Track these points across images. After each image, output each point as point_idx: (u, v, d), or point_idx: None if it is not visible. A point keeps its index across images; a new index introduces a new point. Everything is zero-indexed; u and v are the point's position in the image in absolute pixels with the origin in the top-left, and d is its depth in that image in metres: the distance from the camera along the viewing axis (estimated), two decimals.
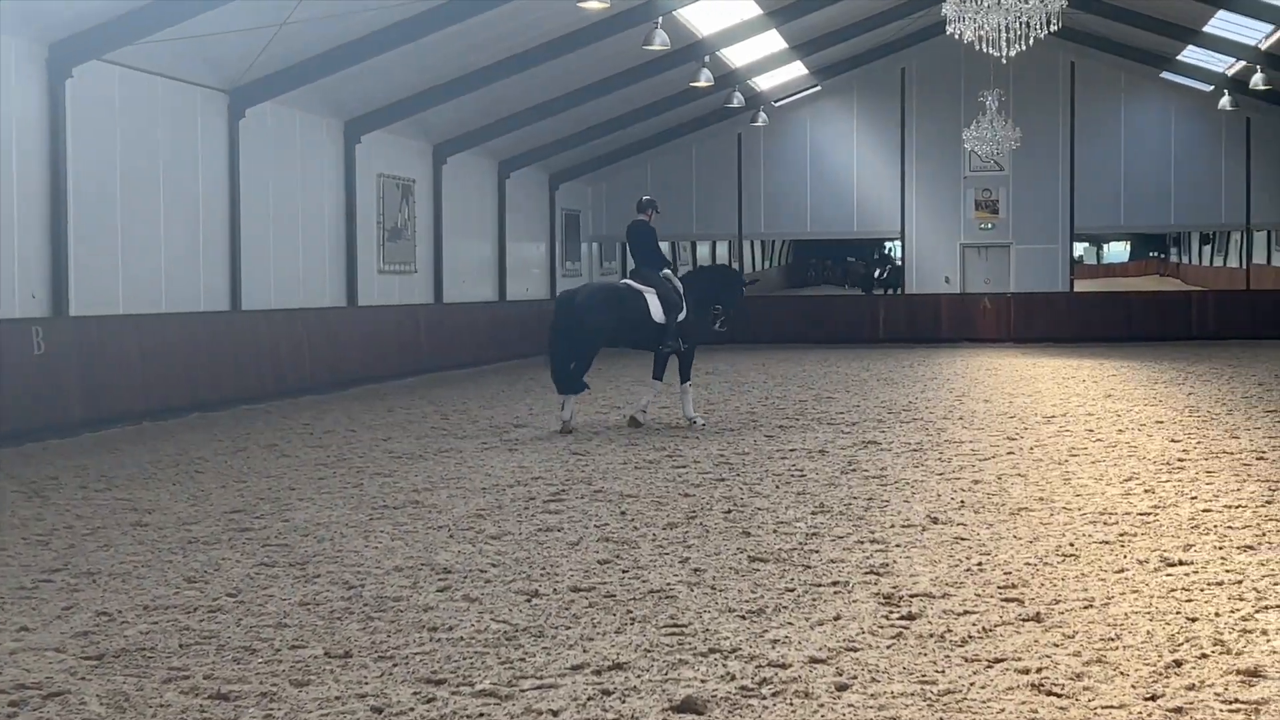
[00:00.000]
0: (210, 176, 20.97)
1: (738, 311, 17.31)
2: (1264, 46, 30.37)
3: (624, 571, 8.12)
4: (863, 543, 8.91)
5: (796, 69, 35.08)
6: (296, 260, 23.55)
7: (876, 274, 51.50)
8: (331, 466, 13.25)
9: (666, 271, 16.55)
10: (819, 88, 37.42)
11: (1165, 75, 36.30)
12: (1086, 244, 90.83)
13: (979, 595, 7.39)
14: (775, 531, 9.36)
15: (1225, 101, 34.36)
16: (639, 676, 5.95)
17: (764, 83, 35.19)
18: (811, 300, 42.83)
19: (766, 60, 32.83)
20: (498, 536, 9.33)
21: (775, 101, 36.98)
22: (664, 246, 48.99)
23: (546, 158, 33.79)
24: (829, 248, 74.01)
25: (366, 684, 5.92)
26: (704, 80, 28.58)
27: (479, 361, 29.15)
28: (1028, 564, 8.18)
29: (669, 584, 7.74)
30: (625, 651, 6.34)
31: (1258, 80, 31.06)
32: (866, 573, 7.99)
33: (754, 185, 38.21)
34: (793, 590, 7.55)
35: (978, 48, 19.56)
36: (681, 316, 16.30)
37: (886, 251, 54.05)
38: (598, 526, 9.65)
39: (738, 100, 33.12)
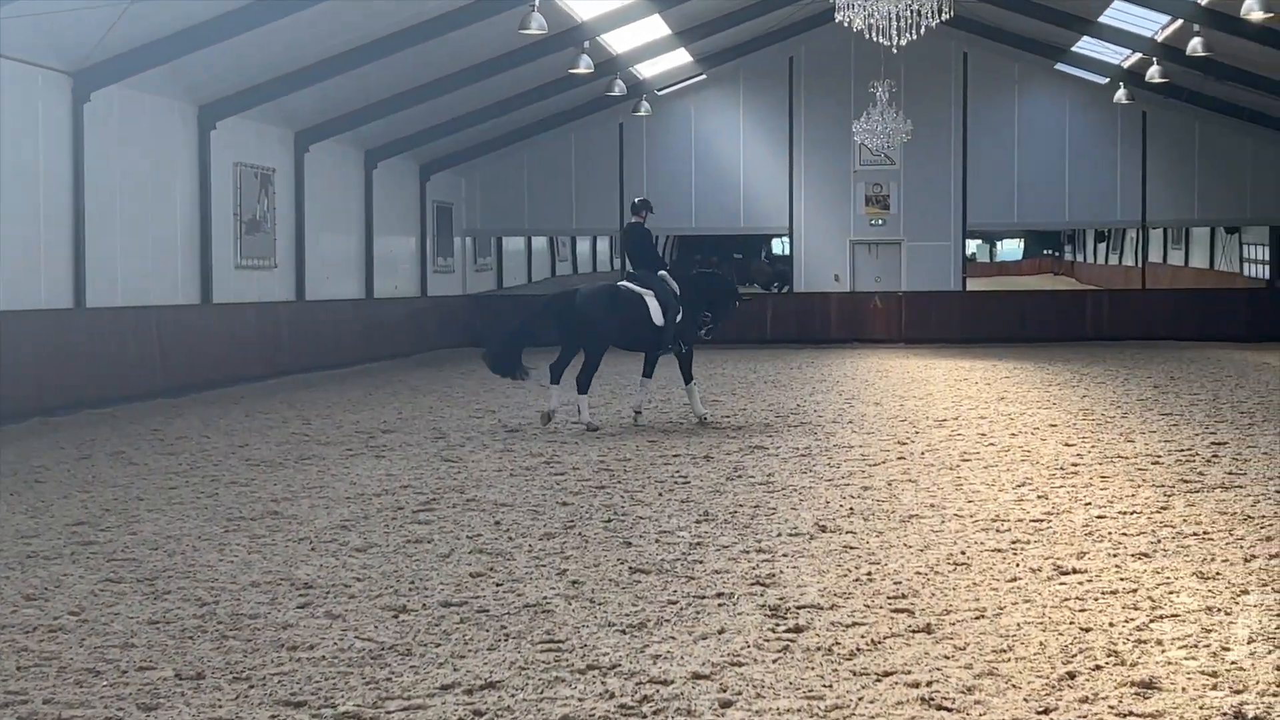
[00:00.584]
0: (52, 164, 20.50)
1: (726, 322, 18.08)
2: (1160, 38, 31.05)
3: (498, 585, 8.09)
4: (748, 552, 8.97)
5: (680, 56, 35.24)
6: (146, 255, 23.12)
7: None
8: (183, 475, 13.03)
9: (663, 273, 17.24)
10: (704, 76, 37.62)
11: (1060, 67, 37.02)
12: (979, 241, 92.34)
13: (868, 606, 7.48)
14: (658, 541, 9.39)
15: (1121, 95, 35.08)
16: (513, 696, 5.93)
17: (646, 70, 35.30)
18: None
19: (649, 47, 32.93)
20: (363, 549, 9.25)
21: (658, 90, 37.11)
22: (541, 242, 48.70)
23: (417, 147, 33.58)
24: (715, 244, 74.40)
25: (221, 707, 5.83)
26: (583, 67, 28.59)
27: (345, 363, 28.87)
28: (918, 573, 8.30)
29: (545, 597, 7.73)
30: (499, 670, 6.31)
31: (1154, 73, 31.72)
32: (752, 584, 8.04)
33: (636, 177, 38.25)
34: (675, 603, 7.58)
35: (868, 36, 19.81)
36: (678, 319, 17.08)
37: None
38: (470, 537, 9.61)
39: (619, 88, 33.18)
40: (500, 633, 6.98)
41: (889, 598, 7.67)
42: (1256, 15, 24.09)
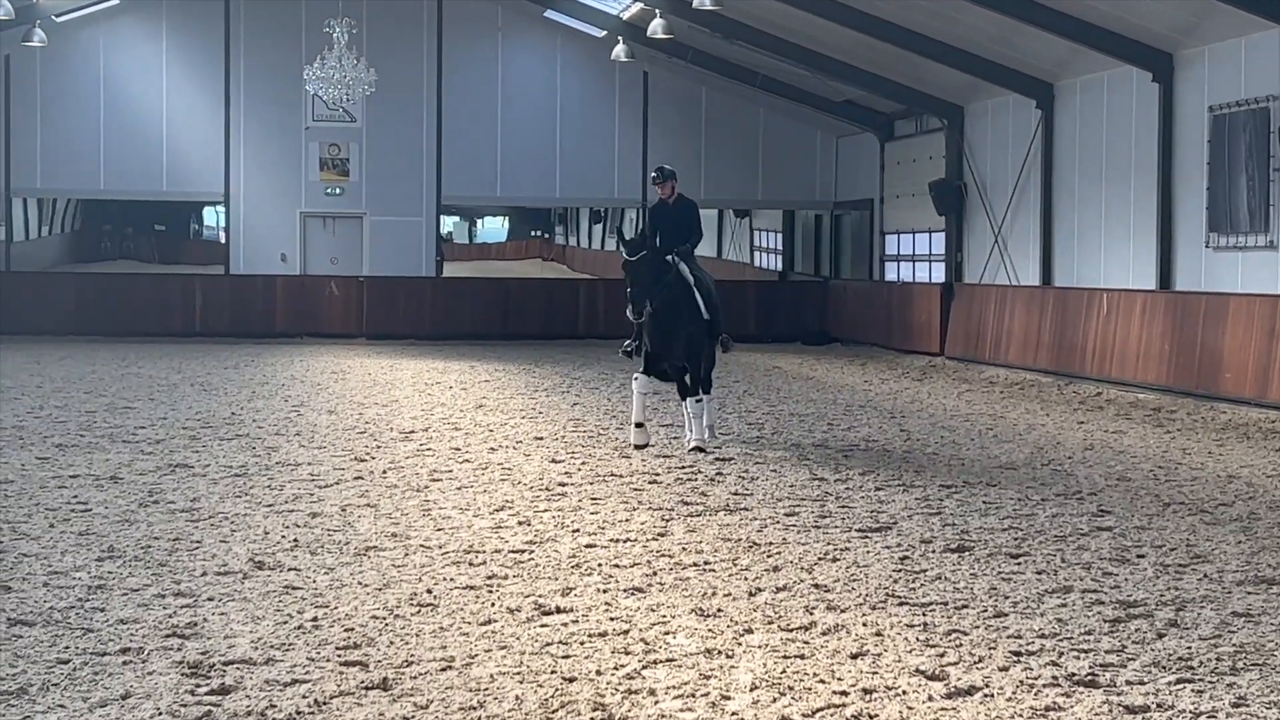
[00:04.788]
0: None
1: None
2: None
3: None
4: (164, 596, 8.82)
5: None
6: None
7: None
8: None
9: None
10: (116, 2, 36.58)
11: (551, 14, 38.01)
12: (457, 218, 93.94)
13: (313, 659, 7.46)
14: (47, 585, 9.11)
15: (620, 51, 36.34)
16: None
17: None
18: (106, 280, 41.67)
19: None
20: None
21: (56, 16, 35.85)
22: None
23: None
24: (132, 212, 72.48)
25: None
26: None
27: None
28: (375, 617, 8.34)
29: None
30: None
31: (657, 27, 32.96)
32: (168, 635, 7.91)
33: (27, 125, 36.80)
34: (67, 662, 7.39)
35: None
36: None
37: None
38: None
39: (4, 11, 31.80)
40: None
41: (338, 648, 7.67)
42: None
